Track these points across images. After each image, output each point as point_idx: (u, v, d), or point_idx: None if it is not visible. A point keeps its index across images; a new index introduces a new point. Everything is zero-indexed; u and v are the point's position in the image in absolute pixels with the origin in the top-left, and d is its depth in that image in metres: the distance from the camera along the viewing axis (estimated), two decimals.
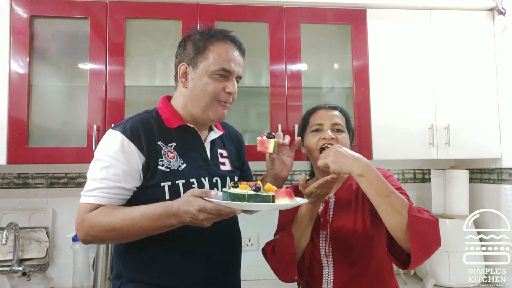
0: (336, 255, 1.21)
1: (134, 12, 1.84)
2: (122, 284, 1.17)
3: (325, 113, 1.32)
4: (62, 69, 1.90)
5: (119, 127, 1.14)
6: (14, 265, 1.89)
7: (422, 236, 0.98)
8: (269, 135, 1.22)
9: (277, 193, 0.99)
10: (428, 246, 1.01)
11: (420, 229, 0.98)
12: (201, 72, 1.17)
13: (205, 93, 1.17)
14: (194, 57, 1.19)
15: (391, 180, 1.19)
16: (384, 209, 1.00)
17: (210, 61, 1.16)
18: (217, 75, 1.17)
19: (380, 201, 1.00)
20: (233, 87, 1.19)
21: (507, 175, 1.96)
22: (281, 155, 1.31)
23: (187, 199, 0.98)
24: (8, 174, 2.06)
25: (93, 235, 1.07)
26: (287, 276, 1.21)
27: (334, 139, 1.25)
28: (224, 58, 1.17)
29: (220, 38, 1.19)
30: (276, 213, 1.36)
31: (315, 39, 2.03)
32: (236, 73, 1.20)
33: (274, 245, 1.25)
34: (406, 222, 0.98)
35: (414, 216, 0.98)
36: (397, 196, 1.01)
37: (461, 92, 1.99)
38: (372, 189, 1.01)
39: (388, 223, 1.02)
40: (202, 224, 0.99)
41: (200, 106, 1.19)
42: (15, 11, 1.78)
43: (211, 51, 1.17)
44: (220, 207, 0.95)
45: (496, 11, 2.00)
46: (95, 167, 1.12)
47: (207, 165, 1.23)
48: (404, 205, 1.00)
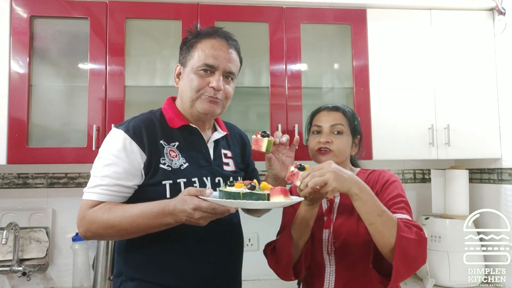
0: (338, 254, 1.21)
1: (134, 12, 1.84)
2: (122, 282, 1.18)
3: (325, 114, 1.32)
4: (62, 69, 1.90)
5: (122, 126, 1.16)
6: (14, 265, 1.89)
7: (407, 255, 1.02)
8: (264, 133, 1.21)
9: (272, 191, 0.99)
10: (413, 264, 1.05)
11: (406, 249, 1.01)
12: (188, 70, 1.20)
13: (190, 88, 1.19)
14: (184, 57, 1.23)
15: (395, 186, 1.20)
16: (376, 228, 1.03)
17: (195, 59, 1.19)
18: (201, 71, 1.18)
19: (373, 220, 1.03)
20: (217, 82, 1.18)
21: (507, 175, 1.96)
22: (280, 155, 1.30)
23: (182, 198, 0.99)
24: (8, 174, 2.06)
25: (92, 231, 1.09)
26: (284, 276, 1.23)
27: (329, 143, 1.26)
28: (207, 54, 1.18)
29: (208, 35, 1.21)
30: (277, 213, 1.36)
31: (315, 39, 2.03)
32: (221, 68, 1.19)
33: (273, 245, 1.25)
34: (394, 241, 1.02)
35: (402, 236, 1.01)
36: (388, 215, 1.04)
37: (461, 92, 1.99)
38: (366, 208, 1.03)
39: (378, 241, 1.05)
40: (198, 223, 0.99)
41: (188, 102, 1.20)
42: (15, 11, 1.78)
43: (197, 48, 1.19)
44: (214, 206, 0.96)
45: (496, 11, 2.00)
46: (98, 164, 1.14)
47: (209, 165, 1.23)
48: (394, 225, 1.03)
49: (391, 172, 1.27)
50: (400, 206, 1.14)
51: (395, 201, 1.16)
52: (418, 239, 1.04)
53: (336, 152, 1.27)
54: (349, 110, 1.35)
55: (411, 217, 1.13)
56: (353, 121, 1.33)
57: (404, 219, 1.09)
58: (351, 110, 1.36)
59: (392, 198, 1.17)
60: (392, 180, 1.22)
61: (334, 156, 1.26)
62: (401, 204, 1.15)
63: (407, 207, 1.16)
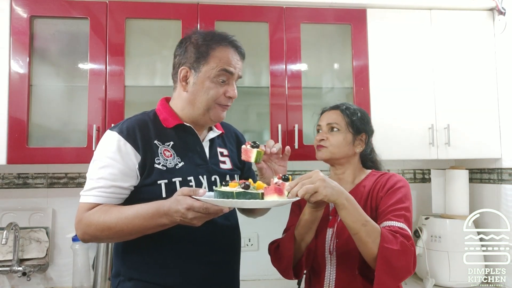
0: (339, 254, 1.22)
1: (134, 12, 1.84)
2: (120, 282, 1.18)
3: (326, 114, 1.38)
4: (62, 69, 1.90)
5: (116, 128, 1.17)
6: (14, 265, 1.89)
7: (390, 265, 1.04)
8: (253, 144, 1.20)
9: (266, 190, 0.99)
10: (396, 275, 1.07)
11: (389, 259, 1.04)
12: (203, 77, 1.18)
13: (207, 97, 1.18)
14: (196, 61, 1.19)
15: (400, 192, 1.20)
16: (360, 237, 1.06)
17: (212, 66, 1.17)
18: (220, 80, 1.18)
19: (357, 229, 1.05)
20: (234, 91, 1.21)
21: (507, 175, 1.96)
22: (273, 164, 1.30)
23: (176, 198, 0.99)
24: (8, 174, 2.06)
25: (90, 233, 1.09)
26: (285, 275, 1.24)
27: (324, 140, 1.31)
28: (225, 62, 1.18)
29: (223, 43, 1.20)
30: (277, 214, 1.36)
31: (315, 39, 2.03)
32: (236, 77, 1.22)
33: (277, 244, 1.26)
34: (377, 251, 1.04)
35: (384, 247, 1.04)
36: (372, 225, 1.06)
37: (461, 92, 1.99)
38: (351, 217, 1.05)
39: (362, 250, 1.08)
40: (192, 223, 0.99)
41: (201, 110, 1.20)
42: (15, 11, 1.78)
43: (213, 56, 1.18)
44: (207, 205, 0.96)
45: (496, 11, 2.00)
46: (94, 167, 1.15)
47: (205, 163, 1.24)
48: (378, 235, 1.05)
49: (401, 177, 1.26)
50: (399, 214, 1.15)
51: (394, 207, 1.16)
52: (402, 250, 1.05)
53: (330, 148, 1.31)
54: (351, 107, 1.36)
55: (408, 225, 1.13)
56: (351, 118, 1.33)
57: (395, 228, 1.10)
58: (354, 108, 1.37)
59: (392, 205, 1.17)
60: (398, 186, 1.21)
61: (328, 152, 1.31)
62: (400, 212, 1.15)
63: (406, 215, 1.15)
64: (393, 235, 1.07)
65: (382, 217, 1.16)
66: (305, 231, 1.18)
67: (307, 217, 1.17)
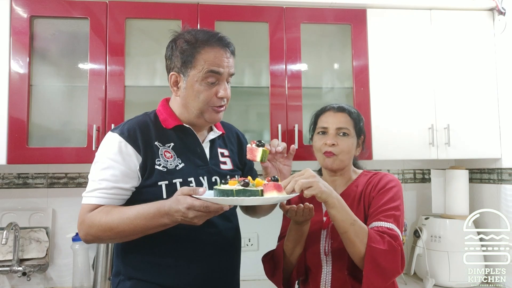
0: (334, 255, 1.22)
1: (134, 12, 1.84)
2: (120, 281, 1.19)
3: (332, 115, 1.31)
4: (62, 69, 1.90)
5: (117, 129, 1.17)
6: (14, 265, 1.89)
7: (378, 265, 1.06)
8: (259, 143, 1.18)
9: (266, 187, 0.99)
10: (384, 275, 1.08)
11: (376, 259, 1.06)
12: (191, 81, 1.16)
13: (198, 101, 1.17)
14: (183, 66, 1.17)
15: (391, 192, 1.20)
16: (348, 236, 1.07)
17: (199, 69, 1.15)
18: (208, 82, 1.16)
19: (346, 228, 1.07)
20: (225, 91, 1.18)
21: (507, 175, 1.96)
22: (277, 163, 1.28)
23: (176, 198, 1.00)
24: (8, 174, 2.06)
25: (92, 234, 1.10)
26: (278, 285, 1.27)
27: (334, 145, 1.26)
28: (211, 63, 1.15)
29: (208, 44, 1.17)
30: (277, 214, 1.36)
31: (315, 39, 2.03)
32: (225, 75, 1.19)
33: (269, 257, 1.30)
34: (365, 251, 1.06)
35: (372, 247, 1.06)
36: (359, 225, 1.08)
37: (461, 92, 1.99)
38: (340, 216, 1.06)
39: (349, 250, 1.10)
40: (193, 222, 1.00)
41: (195, 113, 1.20)
42: (15, 11, 1.78)
43: (198, 59, 1.15)
44: (207, 204, 0.96)
45: (496, 11, 2.00)
46: (95, 168, 1.15)
47: (206, 164, 1.24)
48: (365, 235, 1.07)
49: (393, 177, 1.26)
50: (388, 214, 1.15)
51: (385, 208, 1.17)
52: (390, 250, 1.07)
53: (341, 156, 1.26)
54: (355, 111, 1.34)
55: (397, 225, 1.14)
56: (359, 122, 1.32)
57: (383, 228, 1.11)
58: (356, 111, 1.35)
59: (383, 205, 1.17)
60: (390, 186, 1.21)
61: (339, 161, 1.27)
62: (390, 212, 1.15)
63: (397, 215, 1.16)
64: (380, 235, 1.09)
65: (372, 217, 1.17)
66: (293, 245, 1.22)
67: (293, 232, 1.20)
